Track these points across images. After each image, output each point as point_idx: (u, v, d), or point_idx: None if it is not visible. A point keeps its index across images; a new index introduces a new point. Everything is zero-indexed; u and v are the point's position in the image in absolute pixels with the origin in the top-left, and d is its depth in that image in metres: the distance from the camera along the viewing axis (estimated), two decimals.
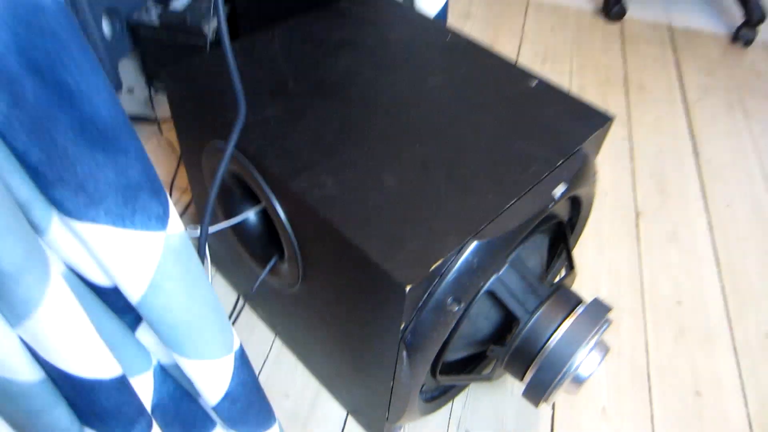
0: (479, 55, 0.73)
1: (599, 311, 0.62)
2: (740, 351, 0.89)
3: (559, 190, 0.57)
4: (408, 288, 0.46)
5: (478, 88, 0.68)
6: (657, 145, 1.26)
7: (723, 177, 1.21)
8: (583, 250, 1.02)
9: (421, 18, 0.79)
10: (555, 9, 1.66)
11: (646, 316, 0.93)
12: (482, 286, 0.56)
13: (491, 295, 0.58)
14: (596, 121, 0.66)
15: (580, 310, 0.62)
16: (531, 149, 0.60)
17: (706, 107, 1.39)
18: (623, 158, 1.22)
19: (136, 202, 0.31)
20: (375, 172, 0.54)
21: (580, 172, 0.61)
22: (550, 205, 0.56)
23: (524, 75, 0.71)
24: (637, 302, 0.94)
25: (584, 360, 0.61)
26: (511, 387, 0.82)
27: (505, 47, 1.48)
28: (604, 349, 0.63)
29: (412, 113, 0.62)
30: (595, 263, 1.00)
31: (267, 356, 0.79)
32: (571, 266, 0.69)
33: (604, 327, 0.62)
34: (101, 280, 0.37)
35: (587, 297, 0.82)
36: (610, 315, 0.64)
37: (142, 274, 0.34)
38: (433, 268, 0.48)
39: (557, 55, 1.48)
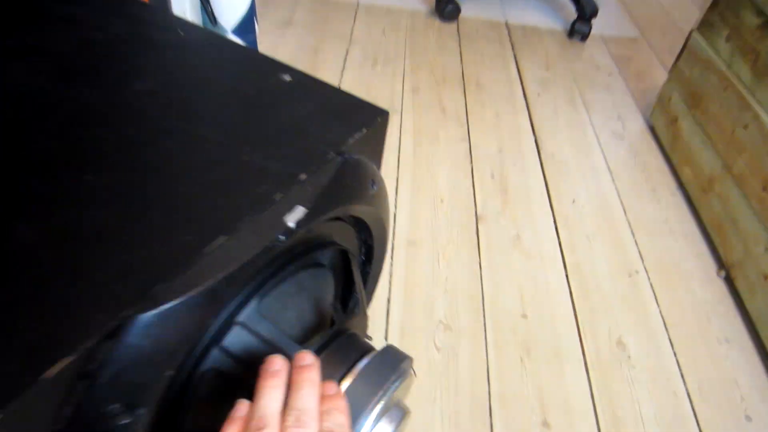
0: (220, 51, 0.58)
1: (385, 366, 0.48)
2: (591, 365, 0.79)
3: (296, 215, 0.42)
4: None
5: (208, 90, 0.52)
6: (497, 144, 1.18)
7: (567, 172, 1.14)
8: (416, 266, 0.88)
9: (154, 13, 0.62)
10: (387, 11, 1.56)
11: (488, 337, 0.81)
12: (191, 369, 0.39)
13: (218, 373, 0.42)
14: (364, 118, 0.52)
15: (359, 367, 0.47)
16: (266, 162, 0.45)
17: (546, 102, 1.33)
18: (462, 160, 1.12)
19: None
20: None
21: (339, 186, 0.47)
22: (281, 238, 0.40)
23: (277, 68, 0.56)
24: (477, 321, 0.82)
25: (375, 426, 0.45)
26: None
27: (330, 53, 1.35)
28: (399, 413, 0.49)
29: (95, 131, 0.45)
30: (431, 280, 0.87)
31: None
32: (362, 309, 0.54)
33: (395, 385, 0.47)
34: None
35: (383, 340, 0.69)
36: (406, 365, 0.50)
37: None
38: (51, 376, 0.30)
39: (389, 57, 1.37)
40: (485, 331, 0.81)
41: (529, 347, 0.80)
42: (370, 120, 0.52)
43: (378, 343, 0.74)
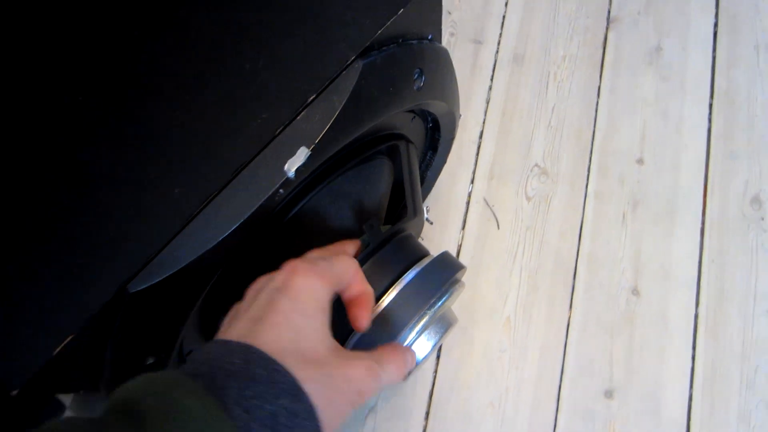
0: None
1: (434, 279, 0.45)
2: (710, 226, 0.68)
3: (297, 160, 0.35)
4: (15, 392, 0.31)
5: None
6: None
7: None
8: (520, 90, 0.76)
9: None
10: None
11: (590, 186, 0.71)
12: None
13: None
14: None
15: (406, 278, 0.44)
16: (267, 74, 0.37)
17: None
18: None
19: None
20: None
21: (363, 99, 0.37)
22: (281, 192, 0.35)
23: None
24: (581, 166, 0.72)
25: (415, 341, 0.45)
26: None
27: None
28: (442, 327, 0.47)
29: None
30: (534, 110, 0.75)
31: None
32: (414, 210, 0.49)
33: (441, 301, 0.45)
34: None
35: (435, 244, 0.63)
36: (459, 276, 0.46)
37: None
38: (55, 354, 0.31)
39: None
40: (588, 178, 0.71)
41: (636, 201, 0.70)
42: None
43: (460, 189, 0.68)
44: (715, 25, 0.76)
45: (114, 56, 0.37)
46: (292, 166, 0.34)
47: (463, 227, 0.71)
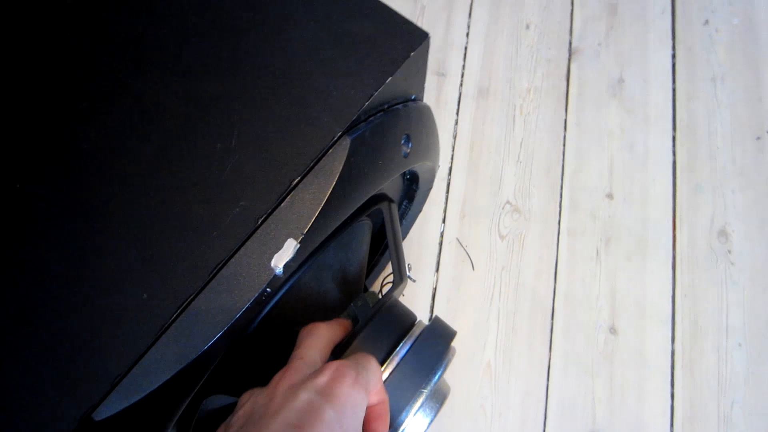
0: None
1: (429, 352, 0.42)
2: (680, 260, 0.68)
3: (285, 255, 0.31)
4: None
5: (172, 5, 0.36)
6: None
7: None
8: (486, 125, 0.74)
9: None
10: None
11: (562, 223, 0.70)
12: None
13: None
14: (392, 50, 0.36)
15: (400, 354, 0.41)
16: (244, 155, 0.33)
17: None
18: None
19: None
20: None
21: (350, 177, 0.34)
22: (268, 291, 0.31)
23: None
24: (552, 202, 0.71)
25: (411, 422, 0.42)
26: None
27: None
28: (438, 401, 0.44)
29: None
30: (502, 146, 0.73)
31: None
32: (401, 275, 0.46)
33: (438, 374, 0.42)
34: None
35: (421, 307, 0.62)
36: (452, 342, 0.43)
37: None
38: None
39: None
40: (560, 215, 0.71)
41: (609, 237, 0.69)
42: (400, 53, 0.36)
43: (431, 229, 0.66)
44: (673, 56, 0.77)
45: (62, 136, 0.32)
46: (279, 262, 0.31)
47: (437, 269, 0.68)
